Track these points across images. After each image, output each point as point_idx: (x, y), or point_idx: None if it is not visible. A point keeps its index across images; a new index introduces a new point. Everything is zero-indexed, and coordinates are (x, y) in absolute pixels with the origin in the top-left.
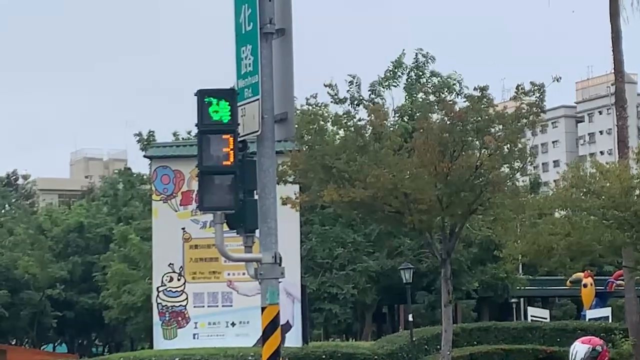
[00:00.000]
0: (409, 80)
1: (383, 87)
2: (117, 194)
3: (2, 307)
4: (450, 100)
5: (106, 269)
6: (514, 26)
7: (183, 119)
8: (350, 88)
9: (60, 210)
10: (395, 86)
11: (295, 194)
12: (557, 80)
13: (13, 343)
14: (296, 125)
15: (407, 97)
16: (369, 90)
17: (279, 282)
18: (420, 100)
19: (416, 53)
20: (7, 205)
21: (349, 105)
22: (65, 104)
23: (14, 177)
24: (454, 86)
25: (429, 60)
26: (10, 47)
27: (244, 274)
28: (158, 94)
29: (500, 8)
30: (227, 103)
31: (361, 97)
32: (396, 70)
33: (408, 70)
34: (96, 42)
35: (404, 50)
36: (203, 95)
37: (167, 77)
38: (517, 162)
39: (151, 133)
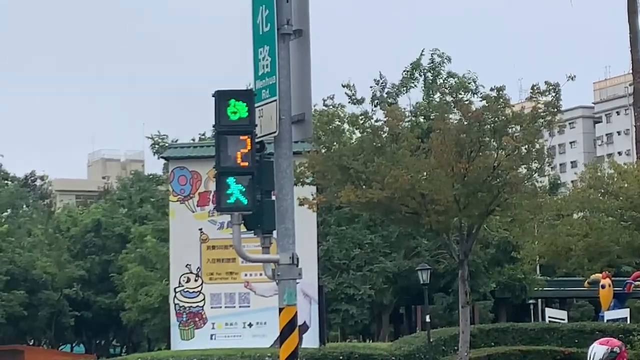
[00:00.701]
0: (426, 81)
1: (402, 90)
2: (131, 196)
3: (20, 307)
4: (466, 100)
5: (123, 270)
6: (532, 27)
7: (201, 120)
8: (374, 88)
9: (79, 210)
10: (413, 87)
11: (312, 195)
12: (572, 79)
13: (31, 343)
14: (313, 126)
15: (424, 97)
16: (386, 93)
17: (297, 283)
18: (437, 100)
19: (432, 54)
20: (25, 206)
21: (370, 104)
22: (83, 105)
23: (32, 177)
24: (470, 85)
25: (445, 61)
26: (29, 47)
27: (261, 274)
28: (176, 95)
29: (519, 8)
30: (245, 104)
31: (383, 96)
32: (414, 71)
33: (425, 71)
34: (115, 42)
35: (422, 50)
36: (221, 96)
37: (185, 77)
38: (535, 162)
39: (163, 137)
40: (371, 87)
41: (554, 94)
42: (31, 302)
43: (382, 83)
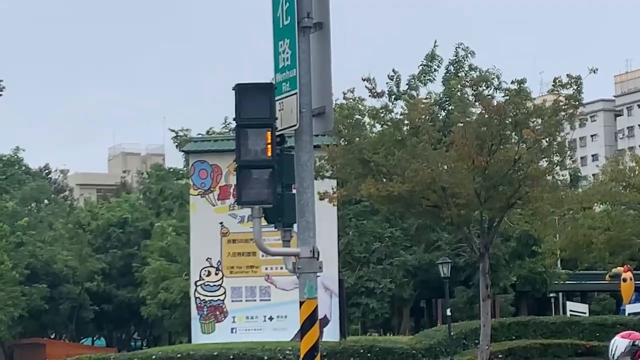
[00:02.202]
0: (447, 74)
1: (420, 82)
2: (152, 190)
3: (41, 301)
4: (488, 95)
5: (144, 262)
6: (553, 20)
7: (222, 114)
8: (389, 83)
9: (100, 204)
10: (432, 80)
11: (332, 188)
12: (594, 72)
13: (52, 337)
14: (334, 120)
15: (444, 90)
16: (406, 85)
17: (317, 276)
18: (458, 94)
19: (456, 47)
20: (46, 200)
21: (386, 99)
22: (104, 99)
23: (47, 171)
24: (493, 80)
25: (469, 55)
26: (47, 42)
27: (281, 268)
28: (196, 88)
29: (539, 1)
30: (266, 97)
31: (400, 92)
32: (431, 63)
33: (447, 64)
34: (139, 35)
35: (435, 42)
36: (241, 90)
37: (204, 70)
38: (556, 155)
39: (186, 131)
40: (387, 83)
41: (575, 87)
42: (52, 295)
43: (396, 78)
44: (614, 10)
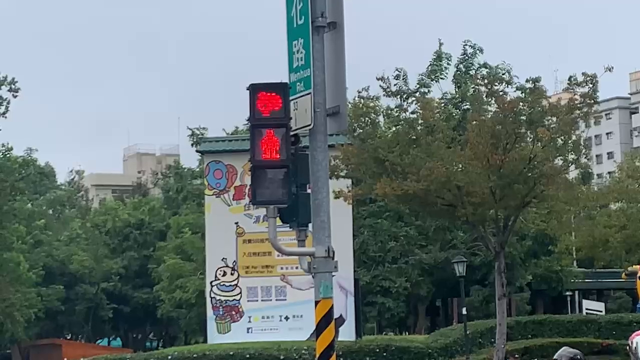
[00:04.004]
0: (458, 72)
1: (430, 80)
2: (172, 188)
3: (58, 302)
4: (501, 91)
5: (160, 262)
6: (567, 18)
7: (238, 113)
8: (397, 82)
9: (115, 205)
10: (443, 78)
11: (347, 187)
12: (610, 70)
13: (68, 337)
14: (348, 119)
15: (456, 89)
16: (417, 84)
17: (332, 275)
18: (471, 92)
19: (464, 45)
20: (65, 204)
21: (400, 98)
22: (119, 100)
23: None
24: (504, 76)
25: (477, 52)
26: (63, 42)
27: (297, 268)
28: (213, 88)
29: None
30: (280, 97)
31: (409, 90)
32: (440, 61)
33: (456, 62)
34: (153, 36)
35: (440, 40)
36: (255, 89)
37: (221, 71)
38: (572, 154)
39: (202, 130)
40: (395, 83)
41: (590, 85)
42: (69, 296)
43: (403, 77)
44: (631, 8)
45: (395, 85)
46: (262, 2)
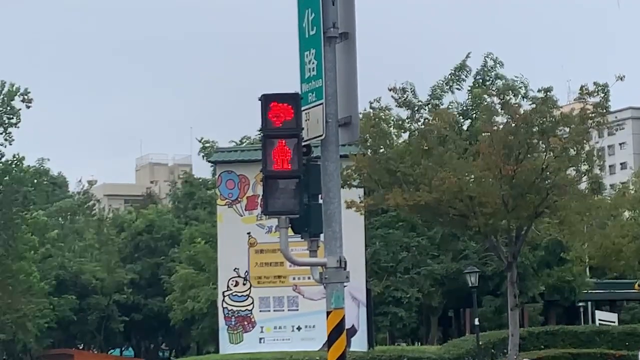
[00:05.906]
0: (475, 83)
1: (444, 91)
2: (181, 197)
3: (70, 312)
4: (515, 104)
5: (173, 271)
6: (580, 27)
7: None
8: (406, 95)
9: (128, 215)
10: (458, 89)
11: (359, 197)
12: (621, 79)
13: (80, 347)
14: (360, 129)
15: (468, 99)
16: (429, 95)
17: (344, 286)
18: (485, 102)
19: (485, 57)
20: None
21: (411, 111)
22: (131, 110)
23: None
24: (520, 89)
25: (498, 65)
26: (74, 53)
27: (309, 278)
28: (226, 98)
29: (567, 9)
30: (292, 107)
31: (420, 102)
32: (460, 73)
33: (475, 73)
34: (165, 45)
35: (469, 53)
36: (267, 100)
37: (233, 81)
38: (584, 164)
39: (212, 143)
40: (403, 96)
41: (602, 95)
42: (81, 306)
43: (410, 90)
44: None
45: (405, 99)
46: (274, 12)
